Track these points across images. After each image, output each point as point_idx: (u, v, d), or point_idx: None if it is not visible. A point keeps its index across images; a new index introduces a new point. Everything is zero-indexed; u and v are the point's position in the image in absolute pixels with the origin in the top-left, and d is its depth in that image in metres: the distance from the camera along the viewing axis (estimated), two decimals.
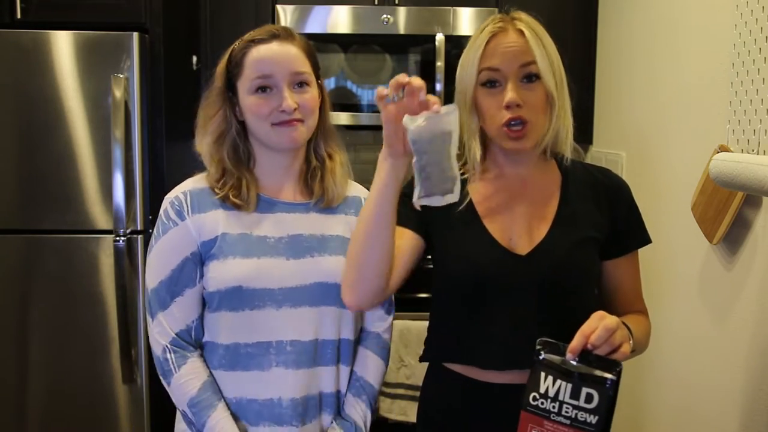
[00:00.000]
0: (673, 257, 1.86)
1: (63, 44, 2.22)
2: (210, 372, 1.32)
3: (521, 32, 1.21)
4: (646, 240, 1.31)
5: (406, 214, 1.22)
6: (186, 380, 1.29)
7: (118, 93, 2.19)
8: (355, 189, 1.45)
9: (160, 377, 1.32)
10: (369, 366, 1.40)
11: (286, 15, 2.58)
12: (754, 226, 1.50)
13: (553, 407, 1.03)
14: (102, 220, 2.27)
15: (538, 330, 1.21)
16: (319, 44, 2.58)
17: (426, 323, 1.38)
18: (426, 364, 1.39)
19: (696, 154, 1.73)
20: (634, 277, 1.32)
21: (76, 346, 2.30)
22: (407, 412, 2.37)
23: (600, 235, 1.26)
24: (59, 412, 2.32)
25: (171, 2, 2.37)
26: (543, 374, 1.04)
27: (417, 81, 1.05)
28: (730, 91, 1.53)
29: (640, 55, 2.20)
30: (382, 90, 1.07)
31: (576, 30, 2.62)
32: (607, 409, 1.01)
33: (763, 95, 1.40)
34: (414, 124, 1.04)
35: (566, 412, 1.02)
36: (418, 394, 2.41)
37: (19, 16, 2.28)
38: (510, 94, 1.18)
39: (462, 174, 1.31)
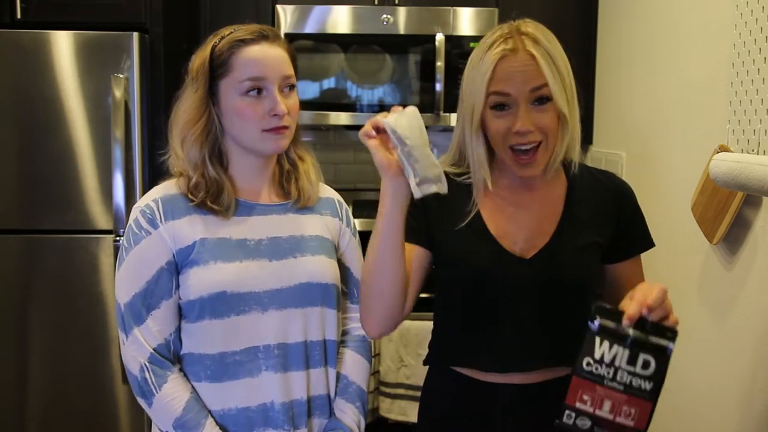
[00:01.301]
0: (673, 257, 1.86)
1: (63, 44, 2.22)
2: (192, 388, 1.26)
3: (531, 54, 1.16)
4: (650, 244, 1.31)
5: (411, 226, 1.22)
6: (169, 400, 1.22)
7: (118, 93, 2.19)
8: (328, 191, 1.43)
9: (138, 398, 1.25)
10: (358, 369, 1.38)
11: (286, 15, 2.58)
12: (754, 226, 1.49)
13: (608, 373, 1.02)
14: (102, 220, 2.27)
15: (539, 333, 1.21)
16: (319, 44, 2.58)
17: (426, 323, 1.38)
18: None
19: (696, 154, 1.73)
20: (640, 279, 1.32)
21: (76, 346, 2.30)
22: (407, 412, 2.37)
23: (603, 239, 1.26)
24: (59, 412, 2.32)
25: (171, 2, 2.37)
26: (598, 339, 1.02)
27: (382, 115, 1.13)
28: (730, 91, 1.53)
29: (640, 55, 2.20)
30: (365, 130, 1.14)
31: (576, 30, 2.62)
32: (662, 377, 1.02)
33: (763, 95, 1.40)
34: (391, 119, 1.12)
35: (621, 378, 1.01)
36: (418, 394, 2.40)
37: (19, 16, 2.28)
38: (520, 123, 1.16)
39: (467, 178, 1.31)
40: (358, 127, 3.19)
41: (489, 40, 1.20)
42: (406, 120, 1.12)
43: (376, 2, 2.62)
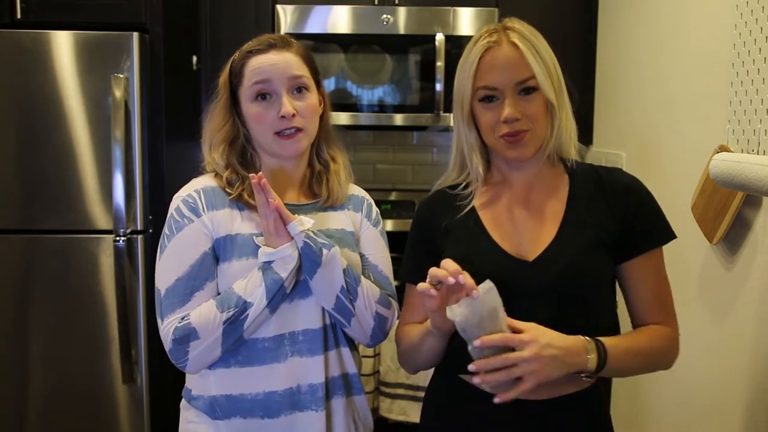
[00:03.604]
0: (673, 257, 1.85)
1: (63, 44, 2.22)
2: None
3: (515, 45, 1.19)
4: (663, 238, 1.25)
5: (422, 265, 1.18)
6: (200, 315, 1.24)
7: (118, 93, 2.19)
8: (356, 190, 1.49)
9: (188, 349, 1.25)
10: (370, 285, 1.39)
11: (286, 15, 2.58)
12: (754, 226, 1.49)
13: None
14: (102, 220, 2.27)
15: None
16: (319, 44, 2.58)
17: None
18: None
19: (696, 154, 1.73)
20: (650, 282, 1.24)
21: (76, 346, 2.29)
22: (407, 412, 2.37)
23: (608, 237, 1.22)
24: (59, 412, 2.32)
25: (171, 2, 2.37)
26: None
27: (451, 267, 1.07)
28: (730, 91, 1.53)
29: (640, 55, 2.20)
30: (423, 286, 1.09)
31: (576, 30, 2.62)
32: None
33: (763, 95, 1.40)
34: (458, 315, 1.04)
35: None
36: (418, 394, 2.41)
37: (19, 16, 2.28)
38: (507, 110, 1.18)
39: (467, 187, 1.31)
40: (358, 127, 3.20)
41: (476, 36, 1.24)
42: (477, 318, 1.04)
43: (376, 2, 2.62)
